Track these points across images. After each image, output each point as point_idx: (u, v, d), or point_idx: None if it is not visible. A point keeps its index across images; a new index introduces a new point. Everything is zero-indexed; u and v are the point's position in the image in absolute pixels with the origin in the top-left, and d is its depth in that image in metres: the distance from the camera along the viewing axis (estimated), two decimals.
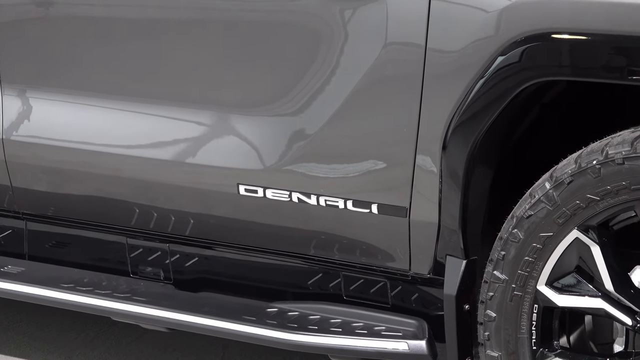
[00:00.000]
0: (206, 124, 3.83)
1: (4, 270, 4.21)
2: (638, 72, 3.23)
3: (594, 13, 3.26)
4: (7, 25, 4.02)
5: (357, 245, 3.74)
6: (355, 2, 3.56)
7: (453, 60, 3.43)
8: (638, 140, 3.24)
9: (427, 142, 3.51)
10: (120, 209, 4.04)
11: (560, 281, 3.40)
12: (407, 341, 3.66)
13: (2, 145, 4.10)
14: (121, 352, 4.55)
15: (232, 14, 3.74)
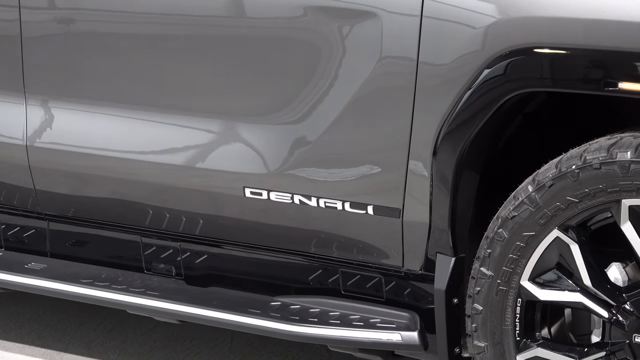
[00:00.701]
0: (215, 131, 3.83)
1: (27, 267, 4.21)
2: (613, 83, 3.24)
3: (572, 29, 3.26)
4: (32, 40, 4.02)
5: (354, 244, 3.74)
6: (353, 20, 3.56)
7: (443, 73, 3.44)
8: (614, 146, 3.25)
9: (419, 148, 3.51)
10: (135, 210, 4.04)
11: (542, 277, 3.40)
12: (400, 332, 3.66)
13: (26, 151, 4.10)
14: (136, 343, 4.55)
15: (240, 30, 3.74)
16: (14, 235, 4.30)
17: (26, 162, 4.11)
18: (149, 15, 3.86)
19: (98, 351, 4.51)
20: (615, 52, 3.22)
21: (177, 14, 3.81)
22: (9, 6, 4.02)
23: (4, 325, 4.70)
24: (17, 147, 4.11)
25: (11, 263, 4.24)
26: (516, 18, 3.33)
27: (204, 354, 4.47)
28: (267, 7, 3.68)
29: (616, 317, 3.34)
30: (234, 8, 3.74)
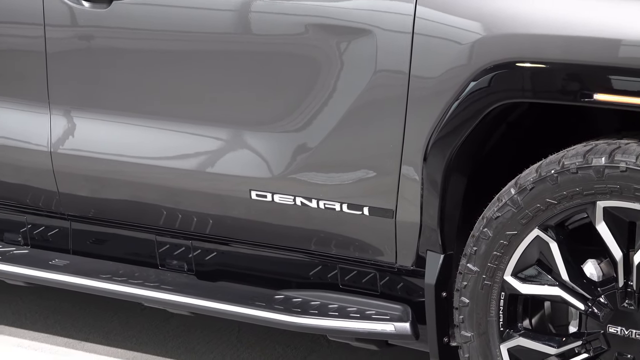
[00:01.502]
0: (223, 139, 3.83)
1: (51, 263, 4.20)
2: (589, 94, 3.24)
3: (551, 45, 3.27)
4: (56, 56, 4.01)
5: (351, 242, 3.73)
6: (350, 36, 3.56)
7: (432, 85, 3.44)
8: (589, 153, 3.25)
9: (411, 154, 3.51)
10: (150, 211, 4.04)
11: (523, 272, 3.41)
12: (393, 323, 3.66)
13: (51, 157, 4.10)
14: (152, 332, 4.55)
15: (246, 45, 3.74)
16: (39, 234, 4.29)
17: (50, 167, 4.11)
18: (162, 33, 3.86)
19: (116, 340, 4.50)
20: (590, 66, 3.23)
21: (189, 31, 3.81)
22: (35, 24, 4.01)
23: (30, 316, 4.70)
24: (42, 154, 4.11)
25: (37, 260, 4.23)
26: (499, 35, 3.33)
27: (213, 342, 4.47)
28: (272, 25, 3.68)
29: (592, 309, 3.35)
30: (241, 25, 3.74)
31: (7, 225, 4.34)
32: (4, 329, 4.60)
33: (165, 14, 3.83)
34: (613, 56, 3.20)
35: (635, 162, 3.18)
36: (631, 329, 3.31)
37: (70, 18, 3.97)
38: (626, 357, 3.33)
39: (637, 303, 3.29)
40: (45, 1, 3.98)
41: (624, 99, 3.21)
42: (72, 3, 3.95)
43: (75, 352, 4.43)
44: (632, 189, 3.19)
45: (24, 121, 4.13)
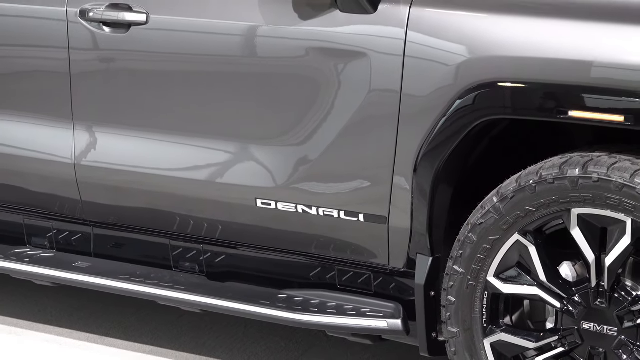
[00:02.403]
0: (231, 152, 3.83)
1: (75, 265, 4.20)
2: (564, 111, 3.24)
3: (530, 66, 3.27)
4: (79, 77, 4.01)
5: (348, 246, 3.73)
6: (346, 59, 3.56)
7: (422, 103, 3.44)
8: (565, 164, 3.25)
9: (402, 166, 3.51)
10: (165, 218, 4.03)
11: (505, 273, 3.41)
12: (386, 320, 3.65)
13: (74, 168, 4.09)
14: (166, 328, 4.55)
15: (252, 67, 3.74)
16: (63, 239, 4.29)
17: (74, 178, 4.11)
18: (176, 56, 3.86)
19: (134, 335, 4.50)
20: (565, 85, 3.23)
21: (200, 54, 3.81)
22: (60, 48, 4.02)
23: (56, 314, 4.69)
24: (67, 165, 4.11)
25: (62, 262, 4.23)
26: (483, 57, 3.33)
27: (222, 337, 4.47)
28: (275, 48, 3.68)
29: (567, 307, 3.35)
30: (247, 49, 3.74)
31: (34, 231, 4.34)
32: (31, 325, 4.60)
33: (179, 39, 3.83)
34: (586, 77, 3.20)
35: (606, 173, 3.18)
36: (603, 325, 3.31)
37: (92, 42, 3.97)
38: (598, 351, 3.33)
39: (608, 301, 3.29)
40: (70, 27, 3.99)
41: (596, 115, 3.22)
42: (94, 29, 3.95)
43: (97, 346, 4.43)
44: (604, 198, 3.19)
45: (50, 136, 4.13)
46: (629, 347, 3.29)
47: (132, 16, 3.89)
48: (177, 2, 3.84)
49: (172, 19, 3.84)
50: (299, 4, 3.61)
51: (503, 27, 3.31)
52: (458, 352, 3.49)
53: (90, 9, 3.95)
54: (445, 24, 3.40)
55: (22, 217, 4.33)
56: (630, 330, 3.28)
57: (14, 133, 4.20)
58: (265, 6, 3.67)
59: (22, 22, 4.10)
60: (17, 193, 4.28)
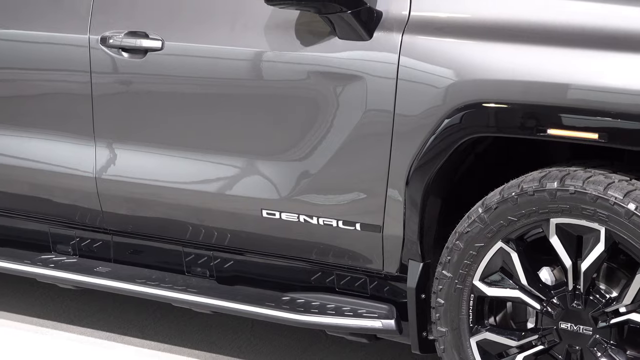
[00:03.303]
0: (239, 166, 3.83)
1: (96, 270, 4.19)
2: (543, 130, 3.25)
3: (512, 88, 3.28)
4: (100, 98, 4.01)
5: (346, 252, 3.73)
6: (344, 81, 3.56)
7: (413, 122, 3.44)
8: (544, 178, 3.26)
9: (395, 179, 3.51)
10: (179, 226, 4.03)
11: (489, 278, 3.41)
12: (381, 320, 3.65)
13: (96, 182, 4.09)
14: (179, 328, 4.54)
15: (258, 89, 3.74)
16: (85, 246, 4.29)
17: (95, 190, 4.11)
18: (189, 79, 3.86)
19: (150, 334, 4.50)
20: (544, 106, 3.24)
21: (211, 77, 3.81)
22: (83, 71, 4.02)
23: (78, 314, 4.69)
24: (89, 179, 4.11)
25: (84, 267, 4.22)
26: (469, 80, 3.34)
27: (230, 336, 4.46)
28: (280, 72, 3.68)
29: (546, 309, 3.35)
30: (254, 72, 3.74)
31: (59, 239, 4.34)
32: (56, 325, 4.59)
33: (191, 63, 3.84)
34: (563, 98, 3.21)
35: (582, 186, 3.19)
36: (579, 325, 3.31)
37: (112, 67, 3.97)
38: (575, 349, 3.33)
39: (584, 303, 3.29)
40: (92, 53, 3.99)
41: (572, 133, 3.22)
42: (114, 54, 3.95)
43: (116, 345, 4.42)
44: (580, 208, 3.19)
45: (73, 152, 4.13)
46: (603, 345, 3.29)
47: (149, 43, 3.89)
48: (189, 29, 3.85)
49: (185, 45, 3.84)
50: (300, 32, 3.61)
51: (487, 52, 3.32)
52: (447, 350, 3.49)
53: (110, 36, 3.96)
54: (434, 50, 3.40)
55: (47, 226, 4.33)
56: (604, 330, 3.28)
57: (40, 150, 4.20)
58: (271, 33, 3.68)
59: (47, 48, 4.10)
60: (43, 204, 4.28)
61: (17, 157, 4.25)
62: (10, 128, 4.25)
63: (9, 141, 4.26)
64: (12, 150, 4.26)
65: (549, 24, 3.26)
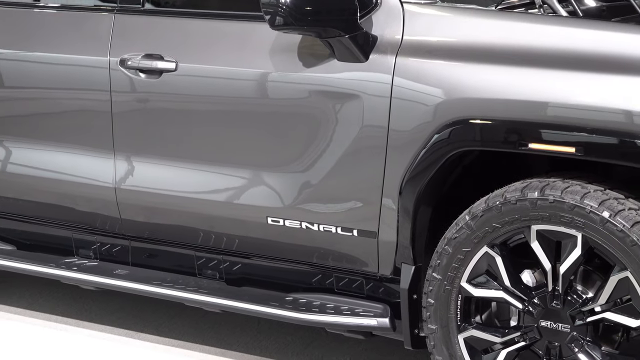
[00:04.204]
0: (246, 177, 3.82)
1: (115, 273, 4.18)
2: (525, 144, 3.25)
3: (496, 106, 3.28)
4: (119, 114, 4.01)
5: (344, 256, 3.72)
6: (343, 99, 3.56)
7: (406, 137, 3.44)
8: (525, 188, 3.26)
9: (389, 189, 3.50)
10: (191, 232, 4.02)
11: (475, 279, 3.40)
12: (376, 319, 3.64)
13: (115, 191, 4.09)
14: (191, 326, 4.53)
15: (264, 107, 3.74)
16: (106, 250, 4.29)
17: (115, 199, 4.11)
18: (200, 97, 3.86)
19: (164, 331, 4.49)
20: (525, 122, 3.24)
21: (221, 95, 3.81)
22: (103, 90, 4.02)
23: (99, 313, 4.69)
24: (109, 189, 4.10)
25: (104, 270, 4.22)
26: (457, 98, 3.34)
27: (238, 333, 4.45)
28: (284, 91, 3.68)
29: (528, 308, 3.35)
30: (260, 91, 3.74)
31: (81, 244, 4.33)
32: (78, 323, 4.59)
33: (203, 83, 3.84)
34: (542, 115, 3.21)
35: (560, 195, 3.19)
36: (558, 323, 3.31)
37: (130, 86, 3.97)
38: (554, 345, 3.33)
39: (563, 303, 3.29)
40: (112, 73, 3.99)
41: (551, 147, 3.22)
42: (132, 75, 3.96)
43: (133, 341, 4.42)
44: (558, 216, 3.19)
45: (95, 164, 4.13)
46: (580, 341, 3.29)
47: (164, 64, 3.89)
48: (201, 52, 3.85)
49: (197, 67, 3.84)
50: (303, 54, 3.62)
51: (473, 73, 3.32)
52: (436, 345, 3.48)
53: (129, 58, 3.96)
54: (425, 71, 3.40)
55: (71, 232, 4.33)
56: (581, 328, 3.28)
57: (63, 162, 4.20)
58: (275, 56, 3.68)
59: (71, 69, 4.10)
60: (67, 212, 4.27)
61: (43, 169, 4.25)
62: (38, 142, 4.25)
63: (36, 154, 4.26)
64: (39, 162, 4.27)
65: (529, 47, 3.27)
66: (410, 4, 3.48)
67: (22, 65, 4.23)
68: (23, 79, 4.23)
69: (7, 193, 4.38)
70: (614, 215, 3.12)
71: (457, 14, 3.45)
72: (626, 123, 3.09)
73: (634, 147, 3.09)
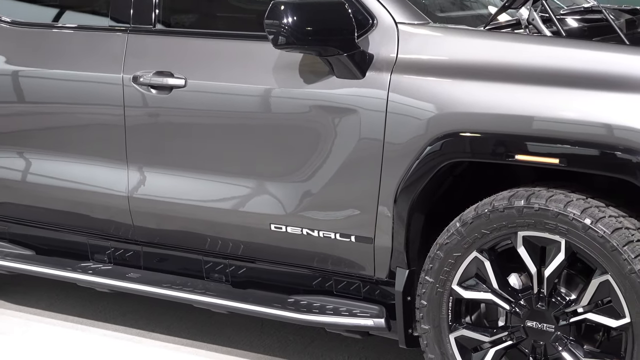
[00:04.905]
0: (250, 187, 3.82)
1: (128, 276, 4.17)
2: (511, 155, 3.25)
3: (484, 120, 3.29)
4: (132, 128, 4.01)
5: (342, 261, 3.72)
6: (341, 114, 3.56)
7: (400, 149, 3.44)
8: (512, 197, 3.26)
9: (385, 198, 3.50)
10: (199, 238, 4.02)
11: (465, 282, 3.40)
12: (372, 319, 3.64)
13: (128, 200, 4.09)
14: (199, 326, 4.53)
15: (267, 120, 3.74)
16: (119, 255, 4.29)
17: (127, 207, 4.11)
18: (208, 112, 3.86)
19: (174, 331, 4.48)
20: (512, 135, 3.24)
21: (227, 110, 3.81)
22: (117, 105, 4.02)
23: (112, 314, 4.68)
24: (122, 198, 4.11)
25: (118, 273, 4.21)
26: (448, 113, 3.34)
27: (243, 333, 4.45)
28: (286, 106, 3.68)
29: (514, 309, 3.34)
30: (264, 106, 3.74)
31: (96, 249, 4.33)
32: (93, 323, 4.58)
33: (210, 98, 3.84)
34: (528, 128, 3.21)
35: (545, 203, 3.19)
36: (543, 323, 3.31)
37: (142, 101, 3.98)
38: (539, 344, 3.32)
39: (547, 305, 3.29)
40: (125, 89, 3.99)
41: (536, 158, 3.22)
42: (144, 91, 3.96)
43: (145, 340, 4.41)
44: (543, 223, 3.19)
45: (109, 174, 4.13)
46: (564, 340, 3.28)
47: (174, 81, 3.90)
48: (209, 70, 3.85)
49: (205, 83, 3.85)
50: (304, 71, 3.62)
51: (463, 89, 3.32)
52: (429, 344, 3.48)
53: (141, 75, 3.96)
54: (418, 87, 3.40)
55: (86, 238, 4.33)
56: (564, 328, 3.28)
57: (79, 172, 4.20)
58: (278, 73, 3.68)
59: (87, 86, 4.11)
60: (83, 219, 4.27)
61: (61, 179, 4.25)
62: (56, 154, 4.25)
63: (54, 165, 4.27)
64: (57, 173, 4.27)
65: (515, 64, 3.27)
66: (405, 24, 3.49)
67: (42, 82, 4.23)
68: (43, 95, 4.24)
69: (28, 201, 4.38)
70: (595, 222, 3.12)
71: (448, 34, 3.46)
72: (606, 136, 3.10)
73: (613, 158, 3.09)
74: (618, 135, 3.08)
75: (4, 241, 4.51)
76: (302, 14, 3.40)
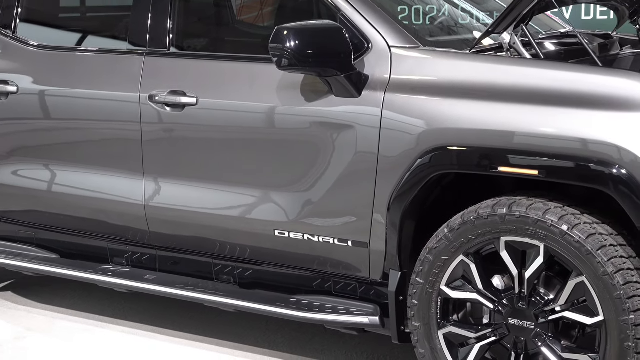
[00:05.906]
0: (256, 196, 3.82)
1: (144, 278, 4.17)
2: (495, 167, 3.25)
3: (470, 135, 3.28)
4: (148, 142, 4.02)
5: (340, 264, 3.71)
6: (339, 129, 3.56)
7: (393, 162, 3.44)
8: (496, 205, 3.25)
9: (379, 206, 3.50)
10: (209, 243, 4.01)
11: (453, 283, 3.40)
12: (368, 317, 3.63)
13: (144, 208, 4.09)
14: (209, 323, 4.52)
15: (271, 135, 3.74)
16: (136, 259, 4.28)
17: (144, 214, 4.11)
18: (218, 127, 3.87)
19: (186, 328, 4.47)
20: (495, 148, 3.24)
21: (236, 125, 3.81)
22: (135, 122, 4.03)
23: (129, 312, 4.67)
24: (139, 206, 4.11)
25: (135, 275, 4.21)
26: (436, 128, 3.35)
27: (250, 330, 4.44)
28: (289, 122, 3.68)
29: (498, 308, 3.34)
30: (268, 122, 3.74)
31: (115, 253, 4.33)
32: (112, 320, 4.58)
33: (220, 115, 3.85)
34: (510, 142, 3.21)
35: (525, 211, 3.19)
36: (524, 320, 3.30)
37: (157, 118, 3.98)
38: (520, 339, 3.32)
39: (528, 304, 3.28)
40: (142, 107, 4.00)
41: (518, 170, 3.22)
42: (159, 108, 3.97)
43: (159, 336, 4.40)
44: (524, 229, 3.19)
45: (127, 185, 4.13)
46: (543, 336, 3.28)
47: (186, 99, 3.90)
48: (218, 89, 3.86)
49: (215, 102, 3.85)
50: (305, 91, 3.62)
51: (450, 107, 3.32)
52: (420, 340, 3.47)
53: (156, 94, 3.97)
54: (410, 105, 3.41)
55: (106, 242, 4.33)
56: (543, 325, 3.27)
57: (100, 183, 4.21)
58: (281, 92, 3.69)
59: (107, 104, 4.11)
60: (103, 225, 4.27)
61: (83, 189, 4.26)
62: (79, 166, 4.25)
63: (77, 176, 4.27)
64: (79, 183, 4.27)
65: (498, 84, 3.27)
66: (397, 48, 3.49)
67: (66, 101, 4.23)
68: (67, 112, 4.24)
69: (53, 209, 4.38)
70: (571, 229, 3.11)
71: (436, 57, 3.46)
72: (581, 149, 3.10)
73: (588, 170, 3.09)
74: (592, 148, 3.08)
75: (31, 246, 4.52)
76: (304, 38, 3.41)
